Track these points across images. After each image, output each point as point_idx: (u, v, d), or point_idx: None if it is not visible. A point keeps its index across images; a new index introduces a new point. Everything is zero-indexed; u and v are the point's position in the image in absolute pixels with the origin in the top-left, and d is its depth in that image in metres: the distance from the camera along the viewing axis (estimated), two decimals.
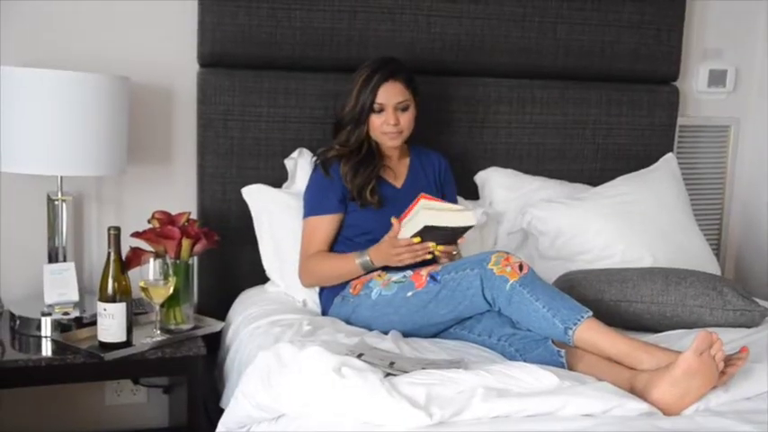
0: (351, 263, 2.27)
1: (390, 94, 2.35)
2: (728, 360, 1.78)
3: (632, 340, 1.93)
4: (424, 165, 2.53)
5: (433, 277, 2.10)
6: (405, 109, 2.37)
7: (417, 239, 2.14)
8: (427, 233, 2.12)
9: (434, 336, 2.17)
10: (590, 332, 1.92)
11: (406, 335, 2.12)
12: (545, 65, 2.87)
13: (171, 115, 2.63)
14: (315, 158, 2.46)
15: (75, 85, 2.23)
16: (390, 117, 2.35)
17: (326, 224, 2.37)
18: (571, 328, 1.91)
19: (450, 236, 2.16)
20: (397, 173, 2.48)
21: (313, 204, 2.39)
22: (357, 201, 2.36)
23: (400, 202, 2.36)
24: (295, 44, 2.60)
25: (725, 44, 3.20)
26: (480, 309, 2.06)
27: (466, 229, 2.16)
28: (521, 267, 2.00)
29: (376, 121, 2.37)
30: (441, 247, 2.17)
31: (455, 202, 2.55)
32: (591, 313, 1.94)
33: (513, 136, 2.84)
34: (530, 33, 2.82)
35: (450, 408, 1.57)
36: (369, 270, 2.26)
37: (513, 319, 2.02)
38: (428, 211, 2.11)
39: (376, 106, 2.35)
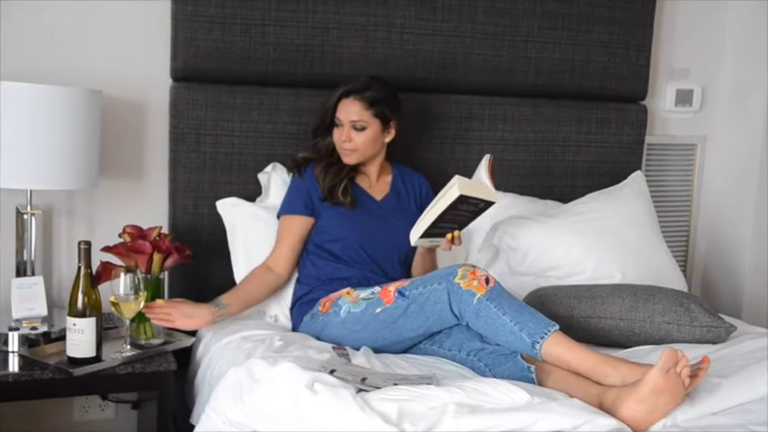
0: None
1: (347, 111, 2.38)
2: (691, 371, 1.80)
3: (598, 354, 1.95)
4: (406, 184, 2.55)
5: (401, 293, 2.11)
6: (360, 129, 2.38)
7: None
8: (453, 208, 2.13)
9: (404, 351, 2.18)
10: (556, 346, 1.94)
11: (376, 351, 2.12)
12: (516, 82, 2.90)
13: (143, 129, 2.62)
14: (288, 164, 2.51)
15: (47, 99, 2.22)
16: (343, 133, 2.38)
17: (295, 224, 2.39)
18: (538, 342, 1.93)
19: (468, 215, 2.21)
20: (379, 188, 2.50)
21: (285, 204, 2.44)
22: (329, 200, 2.37)
23: (378, 215, 2.40)
24: (268, 60, 2.60)
25: (691, 64, 3.27)
26: (449, 323, 2.07)
27: (486, 208, 2.21)
28: (487, 281, 2.01)
29: (335, 135, 2.41)
30: (457, 233, 2.23)
31: None
32: (557, 327, 1.97)
33: (484, 152, 2.84)
34: (501, 51, 2.85)
35: (423, 424, 1.57)
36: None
37: (481, 333, 2.03)
38: (463, 184, 2.11)
39: (336, 120, 2.40)
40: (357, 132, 2.38)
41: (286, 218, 2.41)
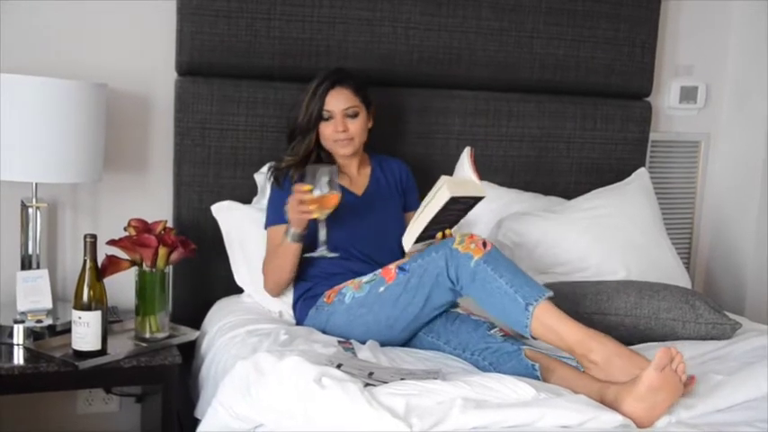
0: (283, 240, 2.27)
1: (337, 100, 2.37)
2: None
3: (586, 328, 1.95)
4: (386, 172, 2.54)
5: (401, 268, 2.12)
6: (354, 115, 2.39)
7: (308, 187, 2.13)
8: (444, 210, 2.12)
9: (409, 340, 2.19)
10: (547, 315, 1.95)
11: (381, 342, 2.13)
12: (521, 78, 2.90)
13: (148, 123, 2.62)
14: (268, 171, 2.47)
15: (52, 92, 2.22)
16: (339, 124, 2.37)
17: (282, 233, 2.37)
18: (532, 304, 1.94)
19: (459, 212, 2.19)
20: (358, 182, 2.49)
21: (270, 215, 2.41)
22: None
23: (361, 212, 2.38)
24: (274, 54, 2.60)
25: (696, 61, 3.27)
26: (446, 291, 2.07)
27: (475, 203, 2.19)
28: (484, 244, 2.02)
29: (326, 130, 2.39)
30: (448, 231, 2.21)
31: (416, 208, 2.56)
32: (552, 293, 1.98)
33: (488, 148, 2.87)
34: (506, 47, 2.85)
35: (430, 418, 1.57)
36: (298, 239, 2.25)
37: (475, 297, 2.04)
38: (451, 185, 2.10)
39: (325, 113, 2.37)
40: (351, 120, 2.38)
41: (273, 228, 2.38)
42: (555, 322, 1.95)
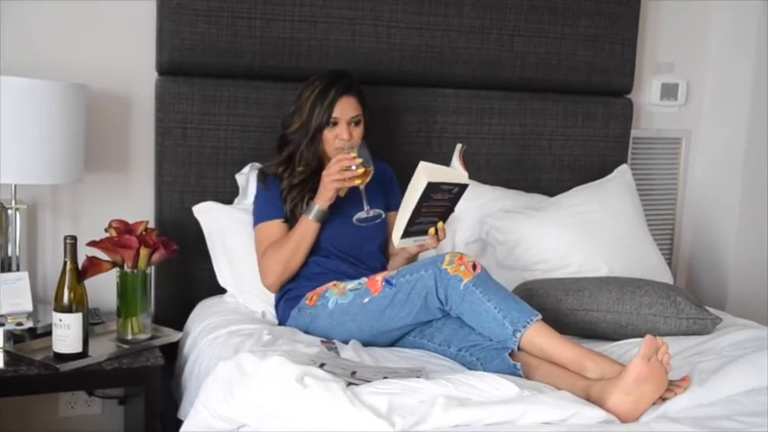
0: (302, 221, 2.28)
1: (346, 108, 2.36)
2: (669, 384, 1.81)
3: (579, 347, 1.96)
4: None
5: (388, 282, 2.11)
6: (357, 123, 2.38)
7: (354, 154, 2.20)
8: (427, 199, 2.11)
9: (393, 343, 2.18)
10: (538, 336, 1.96)
11: (364, 343, 2.12)
12: (503, 76, 2.90)
13: (129, 123, 2.61)
14: (257, 173, 2.47)
15: (32, 93, 2.21)
16: (344, 132, 2.36)
17: (276, 228, 2.36)
18: (520, 331, 1.95)
19: (446, 204, 2.18)
20: None
21: (261, 212, 2.40)
22: (291, 220, 2.35)
23: (343, 212, 2.36)
24: (255, 53, 2.59)
25: (677, 58, 3.28)
26: (434, 310, 2.07)
27: (461, 193, 2.17)
28: (474, 267, 2.02)
29: (329, 136, 2.37)
30: (441, 224, 2.21)
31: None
32: (540, 317, 1.98)
33: (471, 146, 2.85)
34: (488, 45, 2.85)
35: (412, 417, 1.57)
36: (321, 217, 2.27)
37: (464, 319, 2.04)
38: (429, 170, 2.10)
39: (333, 120, 2.36)
40: (355, 127, 2.38)
41: (264, 226, 2.38)
42: (544, 344, 1.95)
